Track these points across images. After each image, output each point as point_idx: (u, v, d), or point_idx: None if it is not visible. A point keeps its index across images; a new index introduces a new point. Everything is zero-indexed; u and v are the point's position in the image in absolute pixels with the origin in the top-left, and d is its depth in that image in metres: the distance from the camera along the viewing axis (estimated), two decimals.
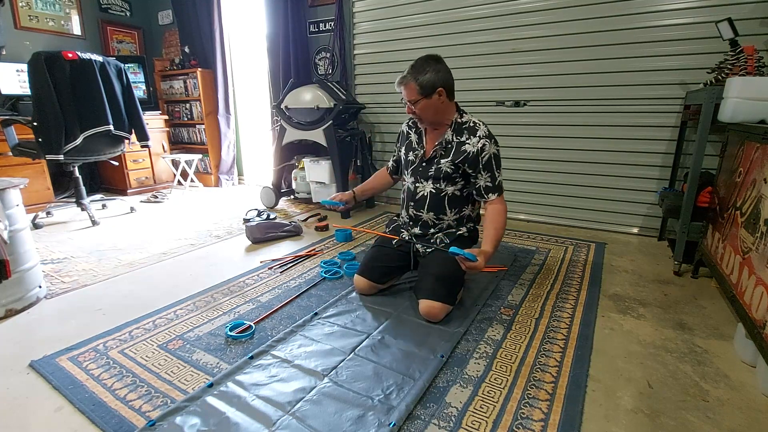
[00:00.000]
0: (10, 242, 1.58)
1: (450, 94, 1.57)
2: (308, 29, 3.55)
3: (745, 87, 1.61)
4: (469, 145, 1.56)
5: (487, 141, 1.56)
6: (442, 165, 1.60)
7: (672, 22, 2.26)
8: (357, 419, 1.04)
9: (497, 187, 1.59)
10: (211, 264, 2.17)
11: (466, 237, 1.70)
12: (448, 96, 1.56)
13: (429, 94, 1.51)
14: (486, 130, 1.58)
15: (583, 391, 1.16)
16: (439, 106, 1.55)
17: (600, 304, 1.69)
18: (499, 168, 1.59)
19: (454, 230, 1.68)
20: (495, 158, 1.57)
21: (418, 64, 1.53)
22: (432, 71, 1.50)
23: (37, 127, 2.54)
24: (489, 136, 1.58)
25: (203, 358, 1.33)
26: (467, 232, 1.70)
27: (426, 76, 1.49)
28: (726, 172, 1.71)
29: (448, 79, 1.55)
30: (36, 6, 3.66)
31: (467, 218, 1.71)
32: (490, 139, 1.57)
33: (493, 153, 1.57)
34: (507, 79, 2.80)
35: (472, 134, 1.57)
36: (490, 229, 1.54)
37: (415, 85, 1.50)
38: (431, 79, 1.50)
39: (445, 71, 1.55)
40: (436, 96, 1.52)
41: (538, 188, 2.87)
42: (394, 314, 1.58)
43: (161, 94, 4.46)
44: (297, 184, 3.49)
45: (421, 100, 1.52)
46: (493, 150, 1.57)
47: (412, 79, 1.51)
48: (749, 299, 1.25)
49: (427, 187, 1.65)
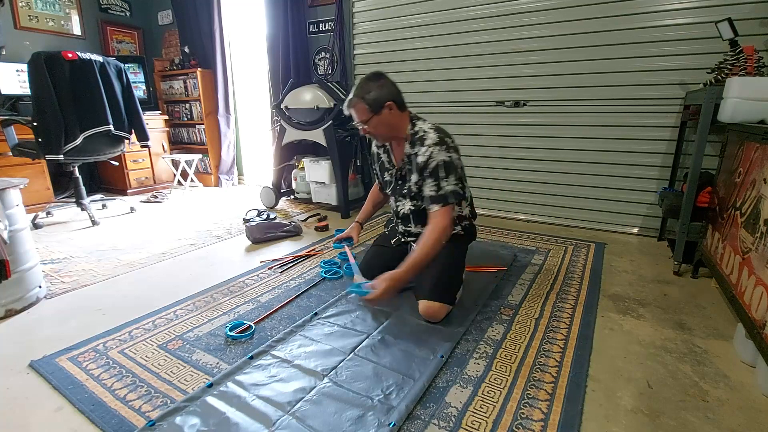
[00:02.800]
0: (10, 242, 1.58)
1: (400, 105, 1.54)
2: (308, 29, 3.55)
3: (745, 87, 1.61)
4: (420, 156, 1.51)
5: (435, 148, 1.47)
6: (411, 183, 1.59)
7: (672, 22, 2.26)
8: (357, 419, 1.04)
9: (441, 198, 1.47)
10: (210, 264, 2.17)
11: (463, 235, 1.69)
12: (399, 108, 1.54)
13: (379, 110, 1.50)
14: (435, 138, 1.49)
15: (582, 391, 1.16)
16: (391, 120, 1.53)
17: (600, 304, 1.69)
18: (448, 176, 1.47)
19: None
20: (445, 165, 1.46)
21: (361, 84, 1.52)
22: (376, 87, 1.50)
23: (37, 127, 2.54)
24: (439, 143, 1.48)
25: (203, 358, 1.33)
26: (462, 230, 1.68)
27: (372, 93, 1.49)
28: (726, 172, 1.71)
29: (394, 91, 1.53)
30: (36, 6, 3.66)
31: (458, 218, 1.66)
32: (440, 145, 1.48)
33: (442, 160, 1.46)
34: (507, 79, 2.80)
35: (421, 144, 1.52)
36: (416, 248, 1.47)
37: (363, 104, 1.50)
38: (377, 95, 1.49)
39: (390, 85, 1.53)
40: (387, 110, 1.51)
41: (538, 188, 2.87)
42: (394, 314, 1.58)
43: (161, 94, 4.46)
44: (297, 184, 3.49)
45: (373, 117, 1.51)
46: (441, 157, 1.47)
47: (359, 99, 1.50)
48: (749, 299, 1.25)
49: (406, 205, 1.65)
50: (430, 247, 1.45)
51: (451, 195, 1.47)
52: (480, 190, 3.08)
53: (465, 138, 3.05)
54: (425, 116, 3.11)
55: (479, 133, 2.99)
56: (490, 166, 3.00)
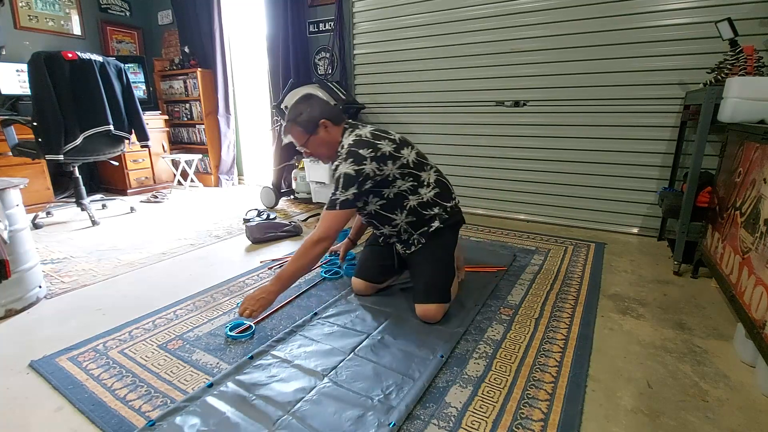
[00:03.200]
0: (10, 242, 1.58)
1: (336, 121, 1.54)
2: (308, 29, 3.55)
3: (745, 87, 1.61)
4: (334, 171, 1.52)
5: (342, 161, 1.45)
6: None
7: (672, 22, 2.26)
8: (357, 419, 1.04)
9: (329, 203, 1.45)
10: (210, 264, 2.17)
11: (443, 228, 1.57)
12: (334, 124, 1.54)
13: (314, 130, 1.52)
14: (345, 152, 1.46)
15: (582, 391, 1.16)
16: (328, 138, 1.54)
17: (600, 304, 1.69)
18: (344, 187, 1.42)
19: (426, 228, 1.57)
20: (345, 177, 1.43)
21: (291, 109, 1.54)
22: (306, 109, 1.52)
23: (37, 127, 2.54)
24: (346, 156, 1.45)
25: (203, 358, 1.33)
26: (441, 222, 1.56)
27: (303, 115, 1.51)
28: (725, 172, 1.71)
29: (325, 109, 1.54)
30: (36, 6, 3.66)
31: (422, 206, 1.55)
32: (347, 159, 1.44)
33: (343, 172, 1.43)
34: (507, 79, 2.80)
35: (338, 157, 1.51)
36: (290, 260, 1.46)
37: (297, 127, 1.52)
38: (309, 116, 1.51)
39: (319, 103, 1.54)
40: (323, 129, 1.52)
41: (538, 188, 2.87)
42: (393, 314, 1.58)
43: (161, 94, 4.46)
44: (297, 184, 3.49)
45: (310, 138, 1.53)
46: (344, 170, 1.43)
47: (292, 123, 1.53)
48: (749, 299, 1.25)
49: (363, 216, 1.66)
50: (299, 255, 1.44)
51: (339, 203, 1.43)
52: (480, 190, 3.08)
53: (465, 138, 3.05)
54: (425, 116, 3.10)
55: (479, 133, 2.99)
56: (490, 166, 3.00)
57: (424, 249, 1.59)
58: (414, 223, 1.58)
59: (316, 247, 1.43)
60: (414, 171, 1.54)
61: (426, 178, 1.57)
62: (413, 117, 3.23)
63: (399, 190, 1.53)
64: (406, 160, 1.52)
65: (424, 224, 1.58)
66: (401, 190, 1.53)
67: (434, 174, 1.61)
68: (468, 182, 3.10)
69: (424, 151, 1.67)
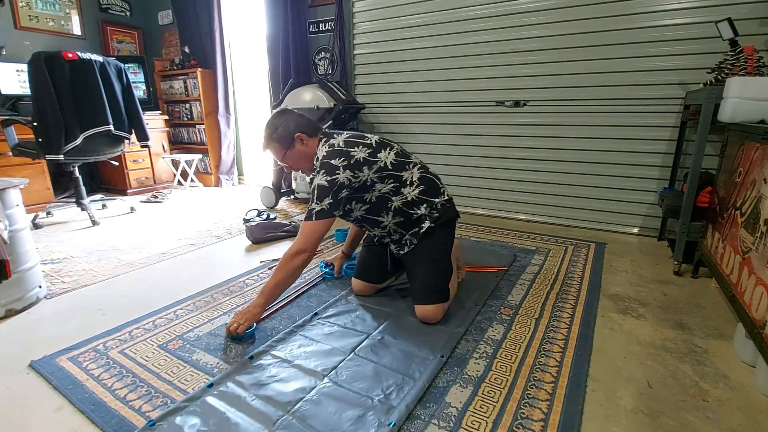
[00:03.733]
0: (10, 242, 1.57)
1: (310, 132, 1.55)
2: (308, 29, 3.55)
3: (745, 87, 1.61)
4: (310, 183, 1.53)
5: (316, 174, 1.46)
6: None
7: (672, 22, 2.26)
8: (357, 419, 1.04)
9: (306, 214, 1.45)
10: (211, 264, 2.17)
11: (435, 227, 1.55)
12: (310, 136, 1.55)
13: (290, 144, 1.53)
14: (320, 163, 1.47)
15: (583, 391, 1.16)
16: (305, 150, 1.54)
17: (600, 304, 1.69)
18: (320, 199, 1.42)
19: (417, 229, 1.56)
20: (319, 188, 1.43)
21: (266, 126, 1.56)
22: (281, 124, 1.53)
23: (37, 127, 2.54)
24: (319, 168, 1.46)
25: (203, 358, 1.33)
26: (431, 221, 1.54)
27: (278, 131, 1.53)
28: (726, 172, 1.71)
29: (300, 122, 1.54)
30: (36, 6, 3.66)
31: (407, 205, 1.54)
32: (320, 170, 1.45)
33: (318, 184, 1.44)
34: (507, 79, 2.80)
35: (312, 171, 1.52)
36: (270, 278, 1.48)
37: (274, 143, 1.55)
38: (284, 130, 1.52)
39: (294, 117, 1.55)
40: (299, 142, 1.53)
41: (538, 188, 2.87)
42: (393, 314, 1.58)
43: (161, 94, 4.46)
44: (297, 184, 3.49)
45: (287, 152, 1.54)
46: (319, 181, 1.44)
47: (269, 140, 1.55)
48: (749, 299, 1.25)
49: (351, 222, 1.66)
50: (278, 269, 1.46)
51: (315, 214, 1.43)
52: (480, 190, 3.08)
53: (465, 138, 3.05)
54: (425, 116, 3.10)
55: (479, 133, 2.99)
56: (490, 166, 3.00)
57: (417, 249, 1.57)
58: (402, 224, 1.56)
59: (294, 260, 1.44)
60: (394, 172, 1.52)
61: (408, 177, 1.54)
62: (413, 117, 3.23)
63: (380, 193, 1.52)
64: (383, 163, 1.50)
65: (413, 224, 1.56)
66: (382, 193, 1.52)
67: (418, 171, 1.57)
68: (468, 182, 3.10)
69: (425, 152, 1.67)
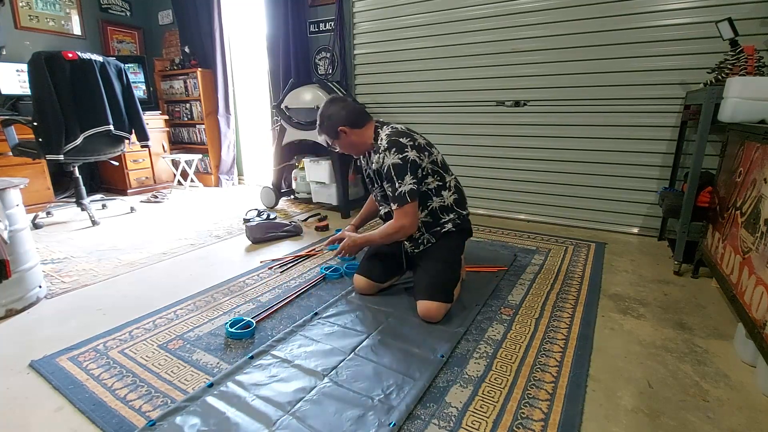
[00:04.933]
0: (10, 242, 1.58)
1: (354, 124, 1.63)
2: (308, 29, 3.55)
3: (745, 87, 1.61)
4: (374, 164, 1.63)
5: (386, 153, 1.53)
6: (376, 188, 1.72)
7: (672, 22, 2.26)
8: (357, 419, 1.04)
9: (396, 198, 1.52)
10: (211, 264, 2.17)
11: (454, 231, 1.66)
12: (352, 127, 1.63)
13: (336, 136, 1.64)
14: (385, 144, 1.55)
15: (583, 390, 1.16)
16: (350, 140, 1.65)
17: (600, 303, 1.69)
18: (401, 177, 1.51)
19: (438, 228, 1.65)
20: (394, 168, 1.51)
21: (319, 113, 1.66)
22: (326, 118, 1.64)
23: (37, 127, 2.54)
24: (389, 147, 1.54)
25: (203, 358, 1.33)
26: (452, 225, 1.65)
27: (324, 125, 1.65)
28: (726, 172, 1.71)
29: (342, 116, 1.62)
30: (36, 6, 3.66)
31: (442, 209, 1.65)
32: (390, 149, 1.53)
33: (391, 163, 1.52)
34: (507, 79, 2.80)
35: (376, 153, 1.61)
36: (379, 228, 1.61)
37: (323, 133, 1.68)
38: (329, 123, 1.63)
39: (337, 110, 1.62)
40: (343, 134, 1.63)
41: (538, 188, 2.87)
42: (394, 314, 1.58)
43: (161, 94, 4.46)
44: (297, 184, 3.49)
45: (335, 142, 1.67)
46: (391, 160, 1.52)
47: (319, 129, 1.68)
48: (749, 299, 1.25)
49: (384, 207, 1.73)
50: (383, 235, 1.59)
51: (407, 195, 1.52)
52: (480, 190, 3.08)
53: (465, 138, 3.05)
54: (425, 116, 3.11)
55: (479, 133, 2.99)
56: (490, 166, 3.00)
57: (432, 248, 1.65)
58: (428, 224, 1.66)
59: (398, 234, 1.57)
60: (441, 171, 1.64)
61: (449, 181, 1.67)
62: (413, 117, 3.23)
63: (427, 188, 1.61)
64: (435, 159, 1.62)
65: (436, 225, 1.66)
66: (429, 188, 1.61)
67: (454, 180, 1.71)
68: (468, 182, 3.10)
69: None
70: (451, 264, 1.63)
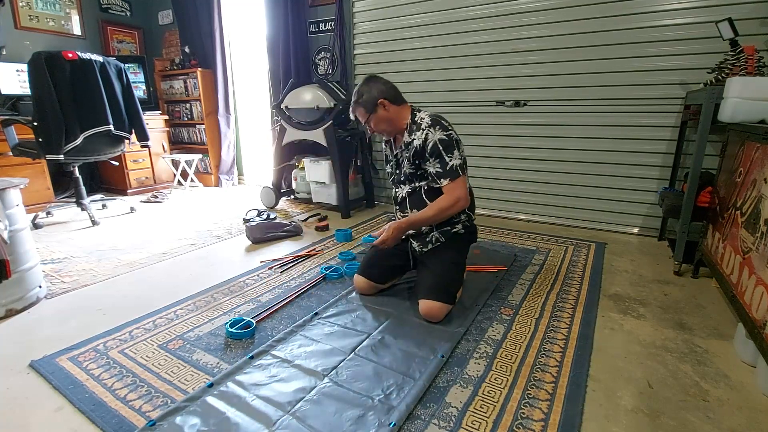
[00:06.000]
0: (10, 242, 1.58)
1: (394, 100, 1.64)
2: (308, 29, 3.55)
3: (745, 87, 1.61)
4: (416, 140, 1.60)
5: (431, 130, 1.56)
6: (405, 167, 1.68)
7: (672, 22, 2.26)
8: (357, 419, 1.04)
9: (448, 172, 1.55)
10: (211, 264, 2.17)
11: (462, 234, 1.68)
12: (393, 103, 1.64)
13: (374, 108, 1.63)
14: (429, 121, 1.59)
15: (583, 391, 1.16)
16: (388, 115, 1.64)
17: (600, 304, 1.69)
18: (449, 151, 1.55)
19: (449, 228, 1.66)
20: (442, 143, 1.55)
21: (356, 89, 1.66)
22: (367, 90, 1.63)
23: (37, 127, 2.54)
24: (433, 124, 1.57)
25: (203, 358, 1.33)
26: (462, 227, 1.68)
27: (364, 96, 1.63)
28: (726, 172, 1.71)
29: (385, 90, 1.63)
30: (36, 6, 3.66)
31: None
32: (435, 126, 1.57)
33: (438, 138, 1.55)
34: (507, 79, 2.80)
35: (418, 129, 1.61)
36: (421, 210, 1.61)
37: (359, 107, 1.65)
38: (369, 96, 1.62)
39: (381, 84, 1.64)
40: (381, 108, 1.62)
41: (538, 188, 2.87)
42: (394, 314, 1.58)
43: (161, 94, 4.46)
44: (297, 184, 3.49)
45: (370, 116, 1.65)
46: (438, 136, 1.56)
47: (356, 103, 1.67)
48: (749, 299, 1.25)
49: (404, 190, 1.71)
50: (433, 210, 1.57)
51: (459, 168, 1.56)
52: (480, 190, 3.08)
53: (465, 138, 3.02)
54: None
55: (479, 133, 2.99)
56: (490, 166, 3.00)
57: (440, 248, 1.65)
58: (440, 223, 1.66)
59: (453, 208, 1.57)
60: (465, 166, 1.64)
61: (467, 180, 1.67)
62: None
63: None
64: (463, 155, 1.62)
65: (448, 225, 1.66)
66: None
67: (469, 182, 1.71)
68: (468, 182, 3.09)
69: None
70: (457, 265, 1.65)
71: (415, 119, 1.65)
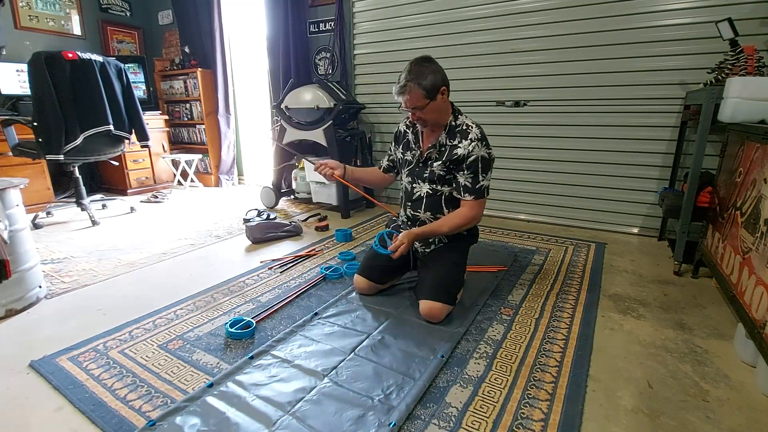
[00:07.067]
0: (10, 242, 1.57)
1: (448, 90, 1.55)
2: (308, 29, 3.55)
3: (745, 87, 1.61)
4: (461, 149, 1.53)
5: (478, 144, 1.52)
6: (435, 168, 1.59)
7: (672, 22, 2.26)
8: (357, 419, 1.04)
9: (476, 190, 1.54)
10: (211, 264, 2.17)
11: (465, 236, 1.69)
12: (447, 94, 1.55)
13: (434, 95, 1.49)
14: (478, 133, 1.54)
15: (583, 391, 1.16)
16: (442, 106, 1.53)
17: (600, 304, 1.69)
18: (485, 172, 1.54)
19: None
20: (483, 161, 1.53)
21: (415, 69, 1.48)
22: (431, 72, 1.47)
23: (37, 127, 2.54)
24: (481, 139, 1.54)
25: (203, 358, 1.33)
26: (466, 230, 1.68)
27: (428, 78, 1.46)
28: (726, 172, 1.71)
29: (445, 77, 1.53)
30: (36, 6, 3.66)
31: None
32: (482, 142, 1.54)
33: (481, 156, 1.52)
34: (507, 79, 2.80)
35: (464, 137, 1.54)
36: (439, 220, 1.59)
37: (419, 89, 1.47)
38: (433, 80, 1.47)
39: (441, 69, 1.52)
40: (440, 96, 1.50)
41: (538, 188, 2.87)
42: (394, 314, 1.58)
43: (161, 94, 4.46)
44: (297, 184, 3.49)
45: (429, 103, 1.49)
46: (482, 153, 1.53)
47: (416, 85, 1.46)
48: (749, 299, 1.25)
49: (423, 188, 1.64)
50: (449, 225, 1.56)
51: (486, 190, 1.56)
52: None
53: None
54: None
55: None
56: None
57: (443, 248, 1.65)
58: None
59: (467, 225, 1.58)
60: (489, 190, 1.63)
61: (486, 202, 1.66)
62: None
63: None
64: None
65: None
66: None
67: None
68: None
69: None
70: (458, 266, 1.65)
71: (457, 122, 1.58)
